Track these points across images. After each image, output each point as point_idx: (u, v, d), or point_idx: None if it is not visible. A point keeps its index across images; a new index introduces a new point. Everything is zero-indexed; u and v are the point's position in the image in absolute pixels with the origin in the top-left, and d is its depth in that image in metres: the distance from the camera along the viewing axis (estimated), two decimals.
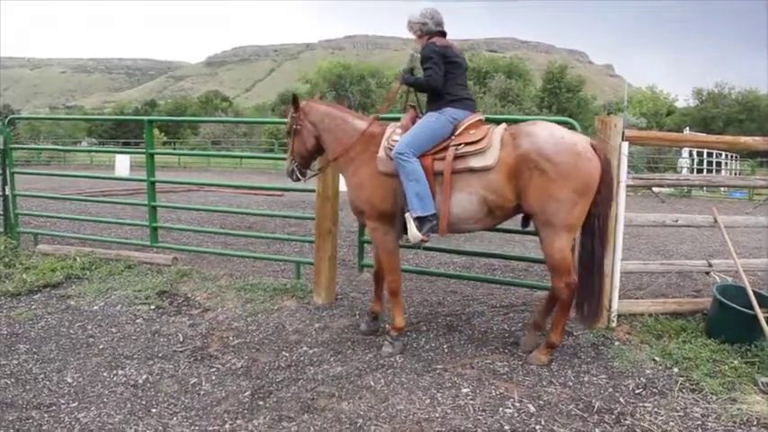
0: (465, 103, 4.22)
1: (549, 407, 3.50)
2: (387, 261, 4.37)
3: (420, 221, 3.97)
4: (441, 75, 4.10)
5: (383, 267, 4.47)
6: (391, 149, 4.07)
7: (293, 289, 5.77)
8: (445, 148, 4.03)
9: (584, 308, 4.07)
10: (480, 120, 4.19)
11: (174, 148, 40.20)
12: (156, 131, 46.68)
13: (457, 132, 4.08)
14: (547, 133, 3.86)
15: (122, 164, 20.21)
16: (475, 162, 3.93)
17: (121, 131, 53.38)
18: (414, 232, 3.99)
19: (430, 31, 4.31)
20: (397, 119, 4.47)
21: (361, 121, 4.48)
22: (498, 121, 4.38)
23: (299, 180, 4.74)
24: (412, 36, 4.44)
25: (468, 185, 3.97)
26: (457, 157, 3.98)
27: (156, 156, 6.89)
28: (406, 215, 4.04)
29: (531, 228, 4.24)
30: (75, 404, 3.56)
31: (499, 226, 4.48)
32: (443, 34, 4.36)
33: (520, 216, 4.23)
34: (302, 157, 4.65)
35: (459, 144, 4.00)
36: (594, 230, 3.97)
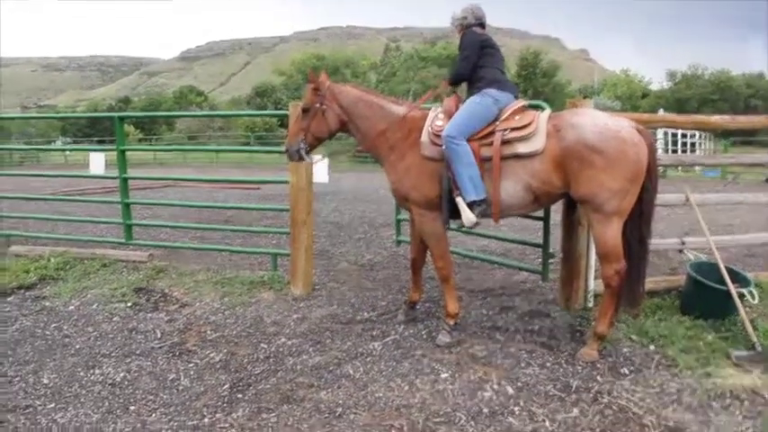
0: (505, 84, 4.17)
1: (527, 388, 3.53)
2: (436, 247, 4.27)
3: (471, 205, 3.92)
4: (471, 63, 4.15)
5: (433, 254, 4.33)
6: (436, 135, 4.02)
7: (270, 281, 5.76)
8: (491, 133, 3.97)
9: (630, 292, 4.01)
10: (524, 106, 4.13)
11: (150, 145, 39.67)
12: (131, 128, 46.31)
13: (502, 117, 4.01)
14: (591, 122, 3.76)
15: (97, 162, 19.85)
16: (522, 148, 3.85)
17: (96, 129, 52.49)
18: (468, 215, 3.92)
19: (469, 25, 4.32)
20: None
21: (399, 106, 4.39)
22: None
23: (301, 161, 4.52)
24: (456, 33, 4.43)
25: (514, 172, 3.90)
26: (504, 143, 3.91)
27: (131, 152, 6.80)
28: (458, 200, 3.96)
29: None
30: (52, 405, 3.51)
31: None
32: (482, 26, 4.37)
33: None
34: (317, 139, 4.46)
35: (506, 129, 3.93)
36: (643, 217, 3.91)
